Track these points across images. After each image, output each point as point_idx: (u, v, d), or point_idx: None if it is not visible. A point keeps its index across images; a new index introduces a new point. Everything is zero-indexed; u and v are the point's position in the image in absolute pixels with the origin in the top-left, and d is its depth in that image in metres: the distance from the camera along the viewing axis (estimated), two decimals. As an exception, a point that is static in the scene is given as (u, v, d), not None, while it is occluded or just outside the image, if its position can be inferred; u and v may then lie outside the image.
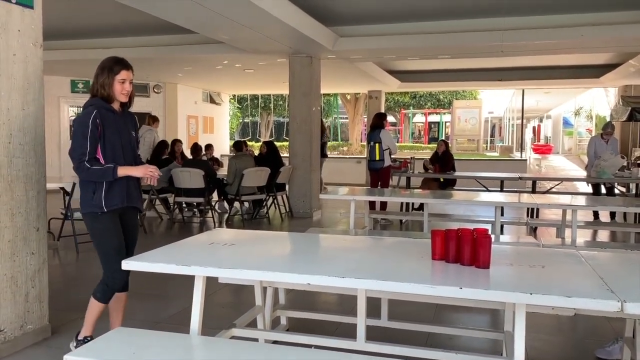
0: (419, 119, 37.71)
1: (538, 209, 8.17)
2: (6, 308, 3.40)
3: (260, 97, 29.49)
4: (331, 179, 13.29)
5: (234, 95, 24.23)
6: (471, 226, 2.72)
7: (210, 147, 10.13)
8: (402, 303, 3.72)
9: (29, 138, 3.53)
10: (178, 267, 2.49)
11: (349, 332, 3.22)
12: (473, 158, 19.28)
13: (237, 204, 8.79)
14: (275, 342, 3.08)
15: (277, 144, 10.26)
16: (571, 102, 30.97)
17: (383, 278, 2.27)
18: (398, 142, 29.38)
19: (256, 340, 3.18)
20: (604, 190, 8.58)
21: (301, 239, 3.37)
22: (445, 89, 27.05)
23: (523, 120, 24.66)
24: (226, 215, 9.17)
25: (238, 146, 8.94)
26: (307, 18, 7.68)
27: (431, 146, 24.94)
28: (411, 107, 33.25)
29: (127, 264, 2.55)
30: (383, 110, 15.54)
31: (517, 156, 22.42)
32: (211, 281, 2.90)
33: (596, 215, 8.31)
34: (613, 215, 8.45)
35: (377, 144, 8.25)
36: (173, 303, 4.47)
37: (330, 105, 31.89)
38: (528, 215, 8.36)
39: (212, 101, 16.98)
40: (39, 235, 3.63)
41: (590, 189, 9.16)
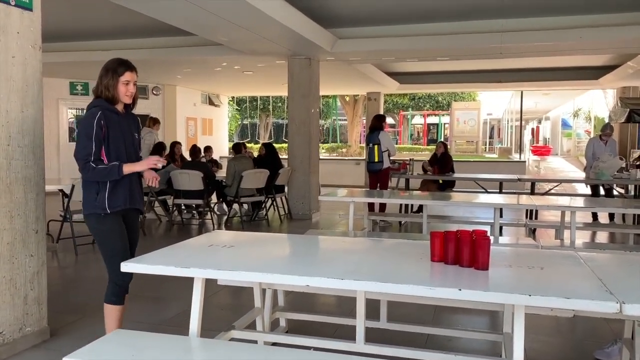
0: (418, 121, 37.73)
1: (537, 211, 8.17)
2: (5, 310, 3.40)
3: (259, 99, 29.50)
4: (330, 181, 13.29)
5: (233, 97, 24.23)
6: (470, 228, 2.73)
7: (209, 149, 10.13)
8: (401, 305, 3.73)
9: (28, 140, 3.52)
10: (177, 269, 2.49)
11: (348, 334, 3.22)
12: (472, 160, 19.32)
13: (236, 206, 8.79)
14: (274, 344, 3.08)
15: (276, 146, 10.27)
16: (570, 104, 31.01)
17: (382, 280, 2.27)
18: (397, 144, 29.41)
19: (255, 342, 3.18)
20: (603, 191, 8.59)
21: (300, 241, 3.37)
22: (444, 91, 27.07)
23: (522, 121, 24.68)
24: (225, 217, 9.17)
25: (237, 148, 8.94)
26: (306, 20, 7.69)
27: (430, 148, 24.94)
28: (410, 109, 33.27)
29: (126, 266, 2.55)
30: (382, 112, 15.56)
31: (516, 158, 22.43)
32: (210, 283, 2.90)
33: (595, 216, 8.31)
34: (612, 216, 8.46)
35: (376, 146, 8.25)
36: (172, 305, 4.47)
37: (329, 107, 31.92)
38: (527, 216, 8.37)
39: (211, 103, 16.98)
40: (38, 237, 3.63)
41: (589, 191, 9.16)
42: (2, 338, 3.38)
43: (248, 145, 15.37)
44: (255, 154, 9.97)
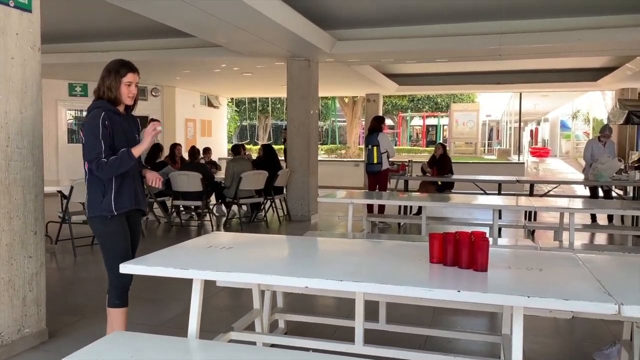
0: (417, 122, 37.76)
1: (536, 212, 8.18)
2: (3, 312, 3.39)
3: (258, 101, 29.53)
4: (329, 182, 13.29)
5: (232, 98, 24.25)
6: (469, 229, 2.73)
7: (208, 151, 10.13)
8: (400, 306, 3.73)
9: (27, 141, 3.52)
10: (176, 271, 2.49)
11: (347, 336, 3.22)
12: (471, 161, 19.33)
13: (235, 208, 8.79)
14: (273, 346, 3.08)
15: (275, 147, 10.27)
16: (568, 105, 31.06)
17: (381, 281, 2.27)
18: (396, 145, 29.43)
19: (254, 343, 3.18)
20: (602, 193, 8.60)
21: (299, 242, 3.37)
22: (443, 92, 27.09)
23: (521, 123, 24.71)
24: (224, 218, 9.16)
25: (236, 150, 8.94)
26: (305, 22, 7.69)
27: (429, 149, 24.96)
28: (409, 111, 33.31)
29: (126, 267, 2.55)
30: (381, 113, 15.57)
31: (515, 159, 22.46)
32: (209, 284, 2.89)
33: (594, 218, 8.32)
34: (610, 218, 8.46)
35: (375, 147, 8.26)
36: (171, 306, 4.47)
37: (328, 108, 31.95)
38: (526, 218, 8.37)
39: (210, 104, 16.98)
40: (37, 238, 3.62)
41: (587, 192, 9.17)
42: (1, 339, 3.37)
43: (247, 146, 15.38)
44: (254, 156, 9.97)
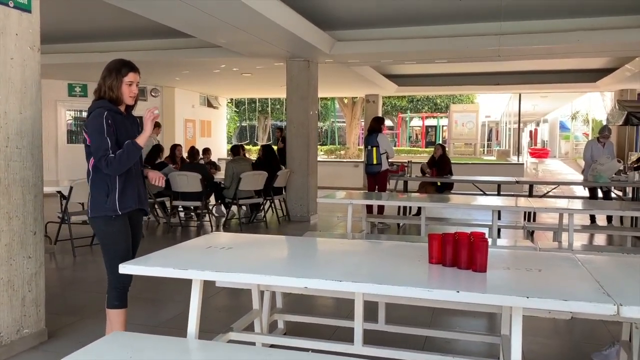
0: (416, 123, 37.77)
1: (535, 213, 8.18)
2: (2, 312, 3.39)
3: (257, 101, 29.53)
4: (328, 183, 13.30)
5: (232, 99, 24.24)
6: (468, 230, 2.73)
7: (207, 151, 10.13)
8: (400, 307, 3.73)
9: (26, 142, 3.52)
10: (175, 271, 2.49)
11: (346, 336, 3.22)
12: (470, 162, 19.33)
13: (235, 208, 8.78)
14: (272, 346, 3.08)
15: (275, 148, 10.28)
16: (568, 106, 31.09)
17: (380, 282, 2.27)
18: (395, 146, 29.44)
19: (253, 344, 3.18)
20: (601, 194, 8.61)
21: (298, 243, 3.37)
22: (442, 93, 27.12)
23: (520, 124, 24.74)
24: (223, 219, 9.16)
25: (235, 150, 8.94)
26: (305, 22, 7.70)
27: (428, 150, 24.95)
28: (408, 111, 33.32)
29: (125, 268, 2.55)
30: (380, 114, 15.57)
31: (514, 160, 22.48)
32: (208, 285, 2.89)
33: (593, 219, 8.32)
34: (610, 219, 8.47)
35: (375, 148, 8.26)
36: (170, 307, 4.47)
37: (327, 109, 31.95)
38: (525, 219, 8.38)
39: (210, 105, 16.99)
40: (36, 239, 3.62)
41: (587, 193, 9.18)
42: (0, 340, 3.37)
43: (247, 147, 15.38)
44: (253, 156, 9.97)
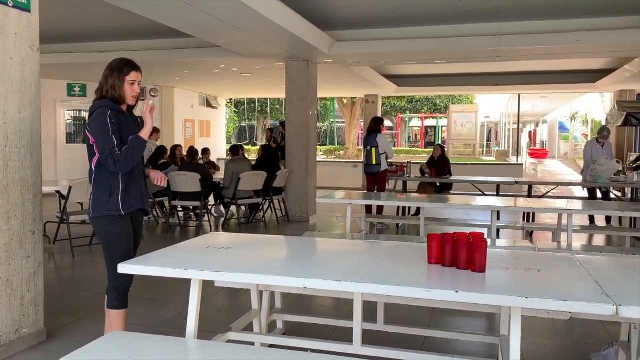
0: (416, 124, 37.79)
1: (534, 213, 8.19)
2: (1, 312, 3.39)
3: (257, 101, 29.53)
4: (328, 183, 13.30)
5: (231, 99, 24.23)
6: (467, 230, 2.73)
7: (207, 151, 10.13)
8: (399, 307, 3.73)
9: (25, 141, 3.52)
10: (174, 271, 2.48)
11: (345, 336, 3.22)
12: (469, 162, 19.33)
13: (234, 208, 8.78)
14: (271, 346, 3.08)
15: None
16: (567, 107, 31.11)
17: (379, 282, 2.27)
18: (395, 147, 29.45)
19: (252, 344, 3.18)
20: (600, 194, 8.61)
21: (297, 243, 3.37)
22: (441, 94, 27.13)
23: (519, 124, 24.74)
24: (222, 219, 9.16)
25: (235, 150, 8.94)
26: (304, 22, 7.70)
27: (428, 150, 24.95)
28: (408, 112, 33.33)
29: (124, 267, 2.55)
30: (380, 114, 15.57)
31: (513, 161, 22.49)
32: (207, 285, 2.89)
33: (592, 219, 8.33)
34: (609, 219, 8.47)
35: (374, 148, 8.26)
36: (169, 307, 4.47)
37: (327, 109, 31.95)
38: (524, 219, 8.38)
39: (209, 105, 16.98)
40: (35, 238, 3.62)
41: (586, 194, 9.18)
42: (-1, 340, 3.37)
43: (246, 147, 15.38)
44: (252, 156, 9.96)
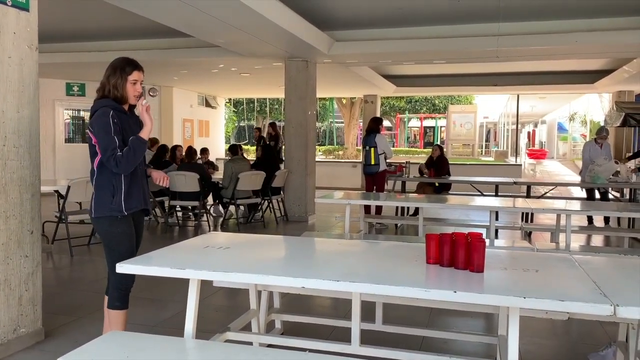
0: (415, 124, 37.79)
1: (532, 214, 8.19)
2: (-1, 311, 3.39)
3: (256, 101, 29.52)
4: (326, 183, 13.30)
5: (230, 98, 24.22)
6: (466, 230, 2.73)
7: (205, 151, 10.13)
8: (397, 307, 3.74)
9: (24, 141, 3.52)
10: (173, 271, 2.48)
11: (344, 336, 3.22)
12: (468, 163, 19.33)
13: (232, 208, 8.78)
14: (269, 346, 3.08)
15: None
16: (566, 108, 31.15)
17: (377, 282, 2.27)
18: (393, 147, 29.46)
19: (250, 343, 3.18)
20: (598, 195, 8.62)
21: (296, 243, 3.37)
22: (440, 94, 27.14)
23: (518, 125, 24.77)
24: (221, 219, 9.16)
25: (234, 150, 8.94)
26: (303, 22, 7.70)
27: (426, 151, 24.96)
28: (407, 112, 33.34)
29: (122, 267, 2.54)
30: (379, 114, 15.58)
31: (512, 161, 22.52)
32: (206, 285, 2.89)
33: (590, 220, 8.34)
34: (607, 220, 8.48)
35: (373, 149, 8.26)
36: (167, 306, 4.46)
37: (326, 109, 31.94)
38: (522, 219, 8.39)
39: (208, 105, 16.97)
40: (33, 238, 3.62)
41: (584, 194, 9.20)
42: (-4, 339, 3.37)
43: (245, 147, 15.37)
44: (251, 156, 9.96)
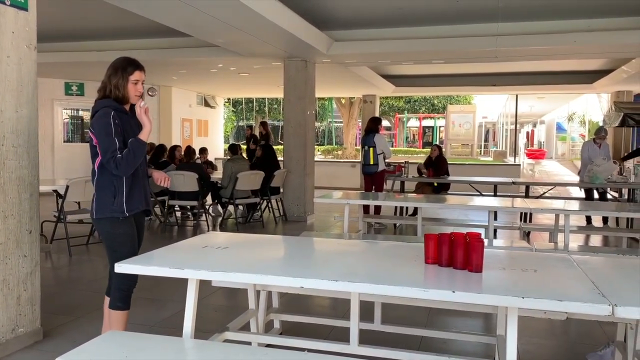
0: (414, 124, 37.79)
1: (531, 214, 8.20)
2: (-2, 311, 3.39)
3: (254, 101, 29.50)
4: (325, 183, 13.30)
5: (229, 98, 24.22)
6: (464, 230, 2.73)
7: (204, 151, 10.12)
8: (396, 307, 3.74)
9: (22, 140, 3.51)
10: (171, 270, 2.48)
11: (342, 336, 3.22)
12: (467, 163, 19.34)
13: (231, 208, 8.77)
14: (268, 346, 3.08)
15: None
16: (564, 108, 31.18)
17: (376, 281, 2.27)
18: (392, 147, 29.45)
19: (249, 343, 3.18)
20: (597, 195, 8.63)
21: (295, 243, 3.37)
22: (439, 94, 27.16)
23: (517, 125, 24.77)
24: (220, 218, 9.16)
25: (233, 149, 8.93)
26: (302, 22, 7.70)
27: (425, 151, 24.97)
28: (405, 112, 33.35)
29: (121, 267, 2.54)
30: (377, 114, 15.58)
31: (511, 161, 22.50)
32: (205, 284, 2.89)
33: (589, 220, 8.35)
34: (605, 220, 8.49)
35: (372, 148, 8.27)
36: (166, 306, 4.46)
37: (324, 109, 31.94)
38: (521, 219, 8.39)
39: (207, 104, 16.96)
40: (32, 237, 3.61)
41: (583, 194, 9.21)
42: (-5, 339, 3.37)
43: (243, 147, 15.32)
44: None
